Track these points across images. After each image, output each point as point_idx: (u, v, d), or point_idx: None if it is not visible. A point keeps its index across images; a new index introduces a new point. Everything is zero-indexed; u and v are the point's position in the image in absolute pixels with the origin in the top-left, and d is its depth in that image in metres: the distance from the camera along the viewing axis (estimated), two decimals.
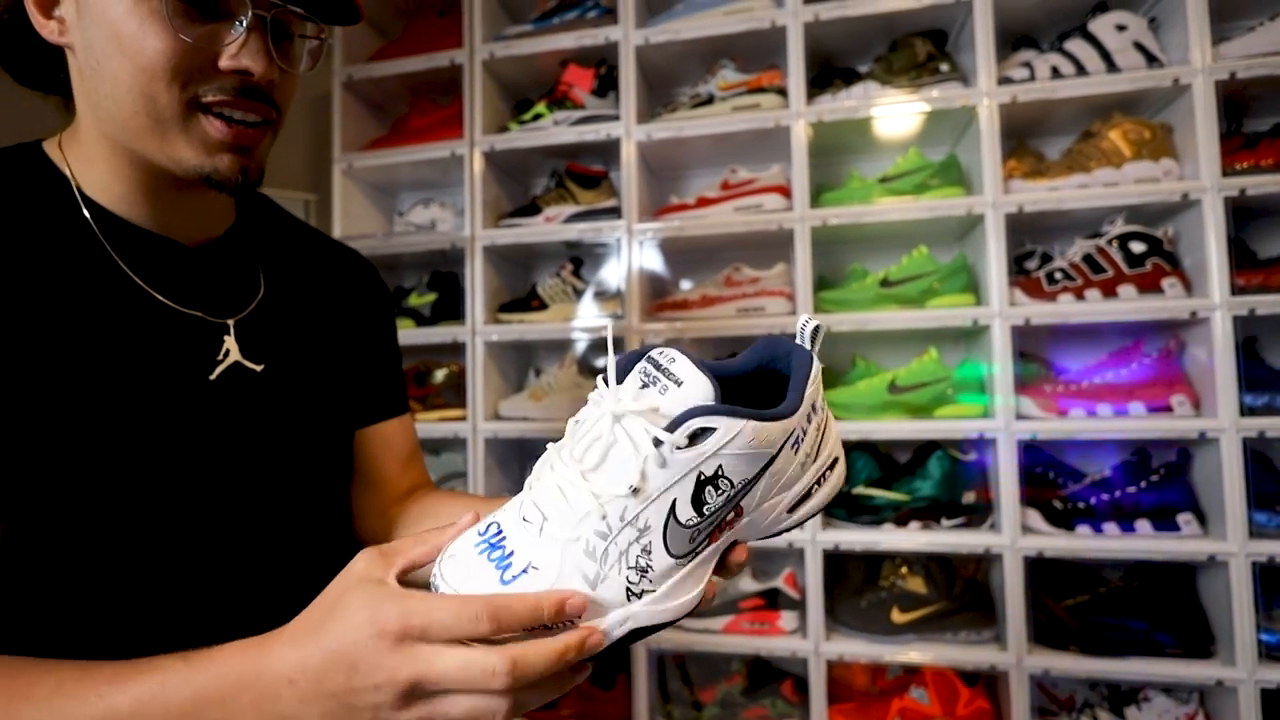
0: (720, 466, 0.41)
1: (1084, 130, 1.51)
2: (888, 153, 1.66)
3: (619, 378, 0.42)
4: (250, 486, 0.60)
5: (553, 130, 1.64)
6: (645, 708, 1.53)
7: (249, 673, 0.40)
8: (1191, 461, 1.42)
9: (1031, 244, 1.57)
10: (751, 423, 0.40)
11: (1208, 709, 1.37)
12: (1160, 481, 1.39)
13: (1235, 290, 1.31)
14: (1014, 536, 1.38)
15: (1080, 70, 1.42)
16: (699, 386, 0.40)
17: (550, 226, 1.65)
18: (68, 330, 0.52)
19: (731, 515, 0.43)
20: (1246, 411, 1.31)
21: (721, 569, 0.46)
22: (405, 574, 0.43)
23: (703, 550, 0.43)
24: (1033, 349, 1.57)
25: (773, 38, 1.55)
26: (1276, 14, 1.35)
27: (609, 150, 1.67)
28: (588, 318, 1.67)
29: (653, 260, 1.72)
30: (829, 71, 1.63)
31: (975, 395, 1.48)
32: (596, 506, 0.40)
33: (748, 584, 1.53)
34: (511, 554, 0.41)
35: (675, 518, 0.41)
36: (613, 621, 0.41)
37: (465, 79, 1.70)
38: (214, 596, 0.58)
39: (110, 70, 0.51)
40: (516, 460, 1.83)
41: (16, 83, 0.60)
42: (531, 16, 1.72)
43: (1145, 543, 1.35)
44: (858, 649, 1.45)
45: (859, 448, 1.58)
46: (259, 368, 0.63)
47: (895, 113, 1.51)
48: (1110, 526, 1.38)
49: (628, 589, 0.41)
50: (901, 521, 1.47)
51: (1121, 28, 1.41)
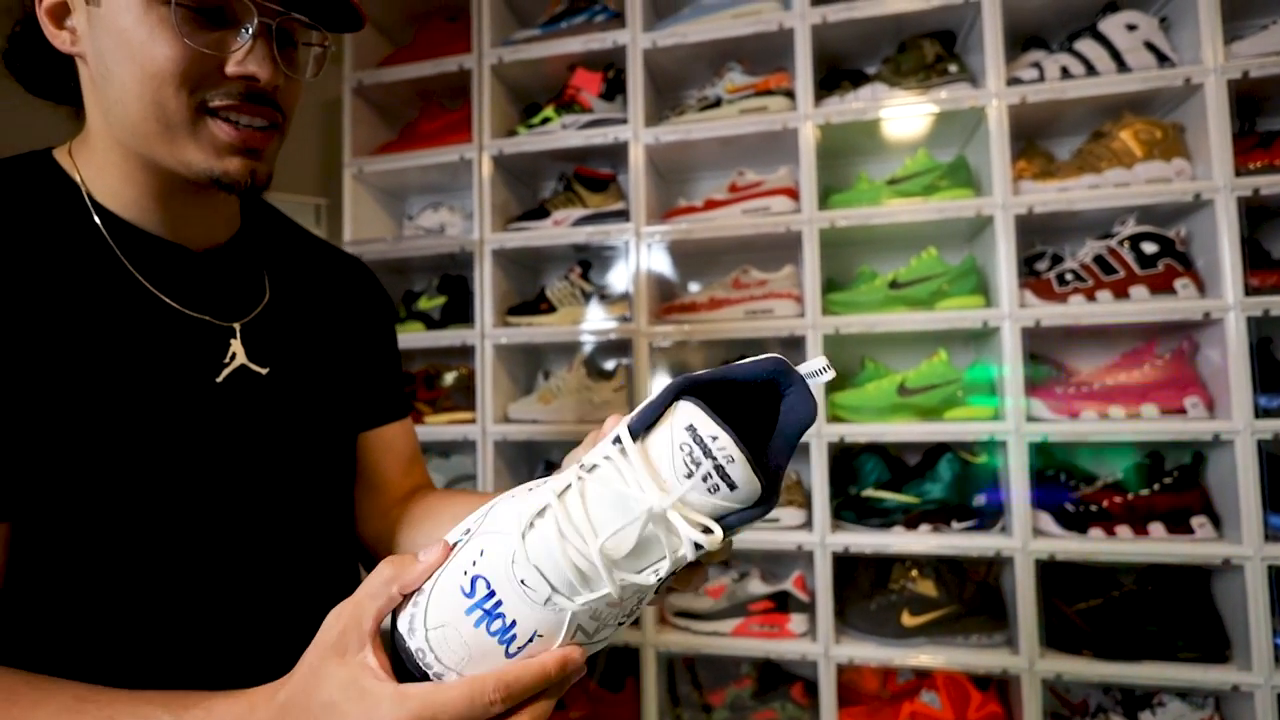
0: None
1: (1094, 130, 1.49)
2: (896, 154, 1.66)
3: (648, 422, 0.40)
4: (256, 488, 0.61)
5: (561, 134, 1.65)
6: (654, 710, 1.53)
7: None
8: (1205, 464, 1.41)
9: (1042, 245, 1.56)
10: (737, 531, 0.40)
11: (1223, 714, 1.35)
12: (1174, 484, 1.38)
13: (1249, 291, 1.30)
14: (1025, 539, 1.37)
15: (1090, 70, 1.41)
16: (747, 489, 0.38)
17: (559, 230, 1.66)
18: (78, 333, 0.53)
19: None
20: (1261, 413, 1.29)
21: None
22: (376, 631, 0.42)
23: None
24: (1044, 351, 1.56)
25: (780, 40, 1.55)
26: None
27: (617, 153, 1.68)
28: (596, 321, 1.67)
29: (661, 263, 1.72)
30: (837, 73, 1.63)
31: (986, 397, 1.47)
32: (618, 591, 0.39)
33: (757, 587, 1.53)
34: (514, 624, 0.39)
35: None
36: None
37: (474, 83, 1.71)
38: (219, 597, 0.58)
39: (121, 77, 0.52)
40: (525, 462, 1.83)
41: (28, 93, 0.62)
42: (540, 21, 1.73)
43: (1159, 546, 1.34)
44: (868, 652, 1.44)
45: (868, 450, 1.58)
46: (264, 371, 0.63)
47: (904, 114, 1.50)
48: (1123, 529, 1.37)
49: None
50: (911, 524, 1.46)
51: (1132, 27, 1.40)
